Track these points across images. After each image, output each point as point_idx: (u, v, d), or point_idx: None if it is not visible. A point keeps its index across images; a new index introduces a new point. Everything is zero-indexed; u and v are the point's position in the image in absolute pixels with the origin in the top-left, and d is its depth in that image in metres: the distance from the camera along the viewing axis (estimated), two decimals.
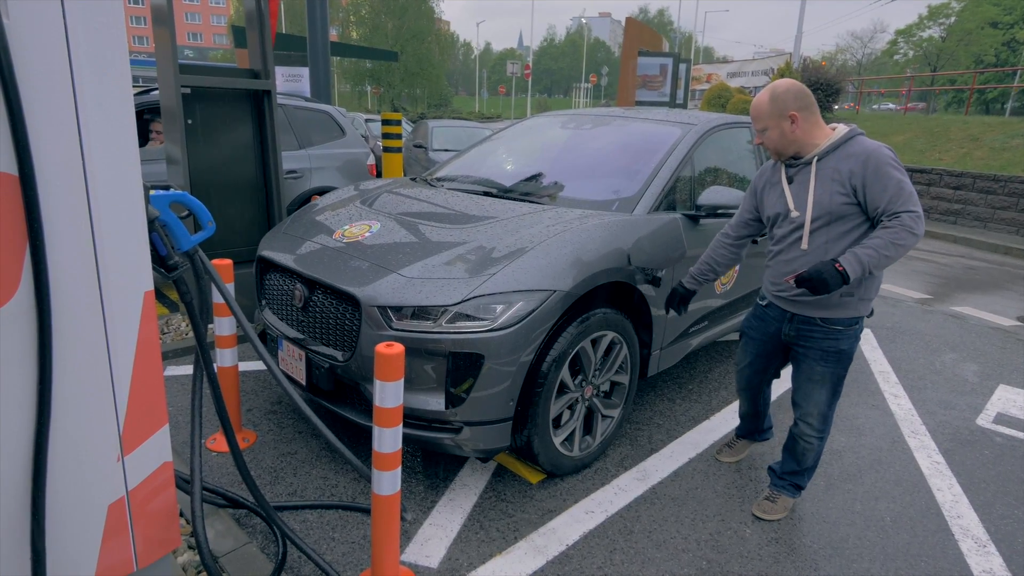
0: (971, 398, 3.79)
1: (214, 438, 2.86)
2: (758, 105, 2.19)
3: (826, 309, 2.21)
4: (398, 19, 46.93)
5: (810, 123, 2.16)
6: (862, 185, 2.04)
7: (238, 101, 4.03)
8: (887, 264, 2.02)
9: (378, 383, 1.74)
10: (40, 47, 1.17)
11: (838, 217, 2.11)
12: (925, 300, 6.04)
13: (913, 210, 1.98)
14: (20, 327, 1.23)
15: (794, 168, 2.23)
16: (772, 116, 2.15)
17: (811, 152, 2.17)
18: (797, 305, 2.28)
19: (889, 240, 1.98)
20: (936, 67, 41.65)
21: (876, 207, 2.03)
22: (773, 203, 2.31)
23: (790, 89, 2.15)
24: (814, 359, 2.29)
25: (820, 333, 2.25)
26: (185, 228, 1.65)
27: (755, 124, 2.21)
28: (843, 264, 2.01)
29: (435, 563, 2.19)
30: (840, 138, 2.13)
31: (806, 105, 2.15)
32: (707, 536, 2.41)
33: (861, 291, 2.18)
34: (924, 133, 13.17)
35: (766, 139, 2.21)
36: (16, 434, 1.27)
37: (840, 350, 2.24)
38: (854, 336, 2.24)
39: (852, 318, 2.21)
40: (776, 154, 2.24)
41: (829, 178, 2.11)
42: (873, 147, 2.06)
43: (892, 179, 2.00)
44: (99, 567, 1.45)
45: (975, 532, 2.53)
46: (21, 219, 1.19)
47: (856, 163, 2.05)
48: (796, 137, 2.16)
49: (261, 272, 3.00)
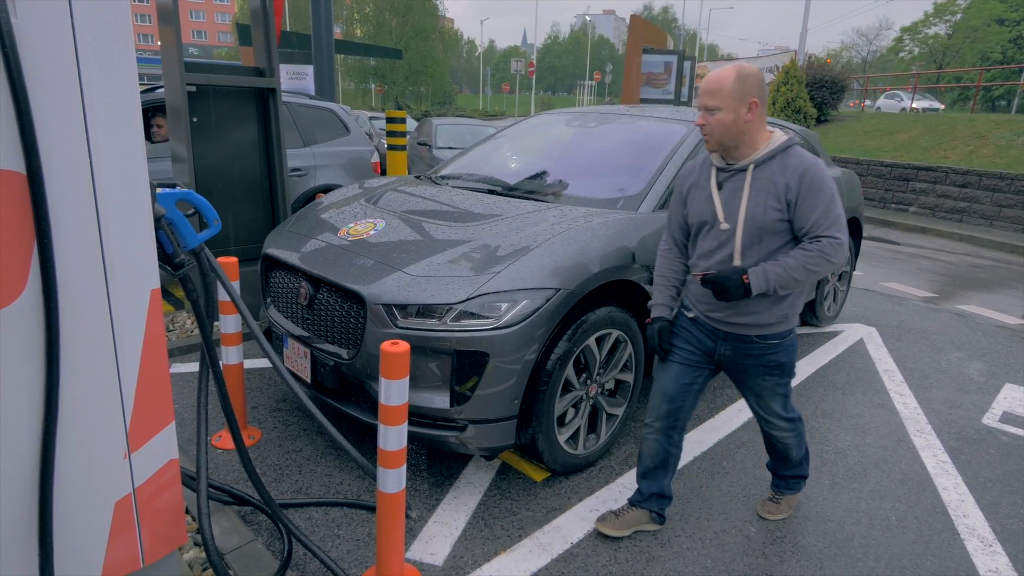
0: (977, 397, 3.78)
1: (219, 435, 2.87)
2: (720, 80, 1.93)
3: (762, 327, 2.08)
4: (402, 17, 46.93)
5: (761, 119, 1.98)
6: (795, 201, 1.91)
7: (243, 99, 4.04)
8: (794, 288, 1.95)
9: (384, 381, 1.75)
10: (48, 46, 1.17)
11: (771, 233, 1.96)
12: (930, 298, 6.02)
13: (836, 237, 1.88)
14: (28, 325, 1.23)
15: (726, 173, 2.03)
16: (733, 96, 1.91)
17: (748, 155, 1.98)
18: (733, 325, 2.10)
19: (803, 263, 1.89)
20: (942, 64, 41.44)
21: (801, 226, 1.92)
22: (699, 209, 2.08)
23: (757, 75, 1.95)
24: (758, 375, 2.17)
25: (758, 350, 2.12)
26: (191, 226, 1.65)
27: (706, 100, 1.93)
28: (750, 277, 1.92)
29: (440, 561, 2.19)
30: (779, 146, 1.97)
31: (764, 100, 1.95)
32: (711, 535, 2.41)
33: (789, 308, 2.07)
34: (929, 131, 13.11)
35: (713, 122, 1.94)
36: (24, 431, 1.27)
37: (781, 363, 2.15)
38: (791, 346, 2.15)
39: (786, 331, 2.11)
40: (716, 144, 1.99)
41: (764, 190, 1.94)
42: (810, 162, 1.93)
43: (824, 200, 1.89)
44: (106, 563, 1.46)
45: (981, 531, 2.52)
46: (29, 217, 1.19)
47: (793, 177, 1.91)
48: (746, 129, 1.94)
49: (266, 270, 3.01)
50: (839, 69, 17.81)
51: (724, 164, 2.03)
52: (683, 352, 2.23)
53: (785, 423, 2.29)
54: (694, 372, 2.22)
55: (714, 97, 1.93)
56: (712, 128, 1.95)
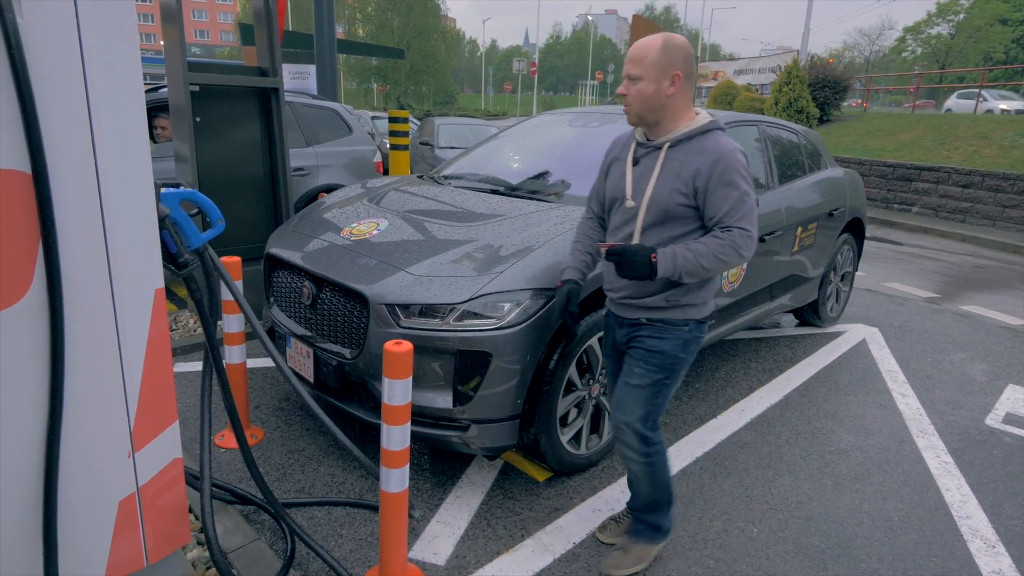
0: (980, 398, 3.77)
1: (222, 435, 2.87)
2: (645, 48, 1.82)
3: (652, 311, 1.96)
4: (404, 16, 46.93)
5: (685, 96, 1.87)
6: (704, 188, 1.81)
7: (246, 99, 4.04)
8: (701, 276, 1.83)
9: (387, 381, 1.75)
10: (53, 46, 1.18)
11: (673, 217, 1.86)
12: (933, 299, 6.01)
13: (747, 229, 1.79)
14: (32, 324, 1.23)
15: (644, 149, 1.93)
16: (655, 66, 1.80)
17: (667, 133, 1.89)
18: (626, 308, 2.01)
19: (713, 251, 1.78)
20: (945, 64, 41.37)
21: (712, 216, 1.82)
22: (614, 184, 2.00)
23: (685, 47, 1.84)
24: (635, 358, 2.00)
25: (646, 332, 1.98)
26: (195, 225, 1.66)
27: (629, 68, 1.84)
28: (658, 257, 1.78)
29: (442, 560, 2.20)
30: (698, 128, 1.87)
31: (690, 74, 1.85)
32: (714, 535, 2.41)
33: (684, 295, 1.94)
34: (932, 131, 13.08)
35: (633, 92, 1.84)
36: (28, 430, 1.27)
37: (662, 350, 1.95)
38: (680, 340, 1.96)
39: (680, 320, 1.95)
40: (636, 117, 1.89)
41: (674, 172, 1.85)
42: (727, 148, 1.83)
43: (737, 190, 1.80)
44: (110, 562, 1.46)
45: (984, 533, 2.52)
46: (34, 217, 1.20)
47: (705, 162, 1.81)
48: (667, 103, 1.84)
49: (269, 269, 3.01)
50: (841, 69, 17.80)
51: (645, 140, 1.95)
52: (611, 361, 2.19)
53: (635, 437, 2.00)
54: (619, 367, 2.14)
55: (637, 65, 1.83)
56: (632, 99, 1.85)
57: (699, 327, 1.99)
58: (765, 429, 3.24)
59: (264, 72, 4.06)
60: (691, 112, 1.90)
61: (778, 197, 3.85)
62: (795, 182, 4.14)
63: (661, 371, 1.96)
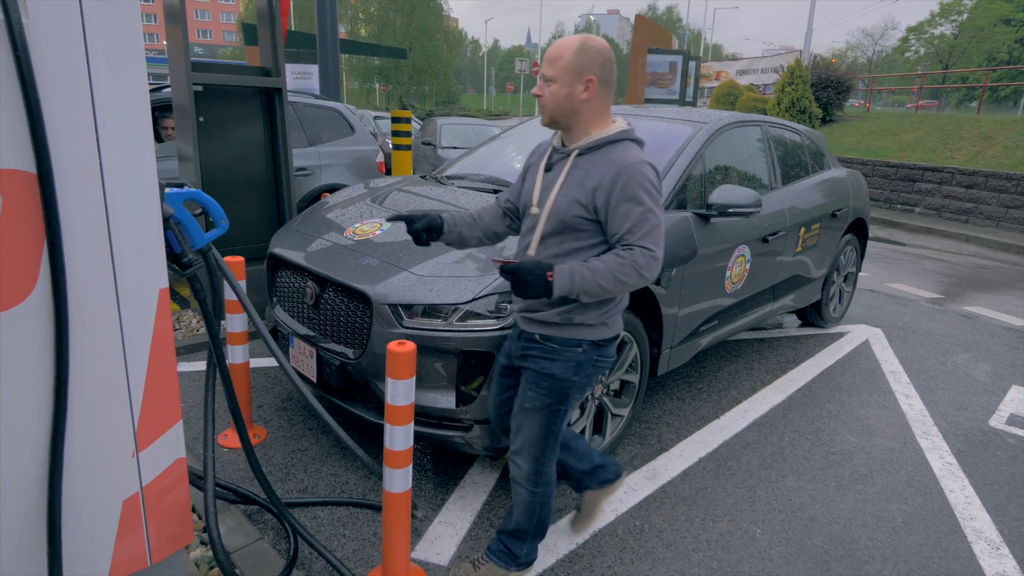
0: (984, 399, 3.77)
1: (225, 434, 2.87)
2: (561, 49, 1.74)
3: (546, 326, 1.84)
4: (407, 16, 46.94)
5: (601, 104, 1.78)
6: (605, 203, 1.70)
7: (249, 99, 4.05)
8: (600, 296, 1.71)
9: (390, 381, 1.75)
10: (58, 46, 1.18)
11: (572, 229, 1.76)
12: (936, 300, 6.00)
13: (651, 249, 1.67)
14: (37, 324, 1.24)
15: (557, 155, 1.84)
16: (569, 69, 1.72)
17: (578, 141, 1.80)
18: (524, 321, 1.89)
19: (613, 270, 1.66)
20: (948, 65, 41.30)
21: (614, 232, 1.71)
22: (527, 188, 1.90)
23: (603, 51, 1.74)
24: (527, 381, 1.89)
25: (537, 351, 1.86)
26: (199, 225, 1.66)
27: (545, 69, 1.75)
28: (555, 275, 1.66)
29: (445, 561, 2.20)
30: (607, 136, 1.77)
31: (608, 80, 1.76)
32: (717, 536, 2.40)
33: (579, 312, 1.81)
34: (936, 131, 13.06)
35: (547, 94, 1.75)
36: (33, 430, 1.28)
37: (551, 374, 1.84)
38: (571, 362, 1.83)
39: (572, 340, 1.83)
40: (548, 119, 1.80)
41: (577, 182, 1.75)
42: (633, 160, 1.71)
43: (640, 205, 1.68)
44: (114, 562, 1.47)
45: (988, 534, 2.51)
46: (39, 217, 1.20)
47: (608, 174, 1.71)
48: (580, 109, 1.75)
49: (272, 269, 3.01)
50: (844, 69, 17.77)
51: (560, 145, 1.86)
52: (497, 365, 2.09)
53: (527, 463, 1.92)
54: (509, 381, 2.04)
55: (551, 66, 1.74)
56: (546, 100, 1.76)
57: (596, 349, 1.86)
58: (768, 430, 3.23)
59: (267, 72, 4.06)
60: (607, 120, 1.81)
61: (781, 198, 3.84)
62: (798, 183, 4.13)
63: (551, 395, 1.85)
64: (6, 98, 1.13)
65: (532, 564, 2.12)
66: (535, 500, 1.98)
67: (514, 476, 1.98)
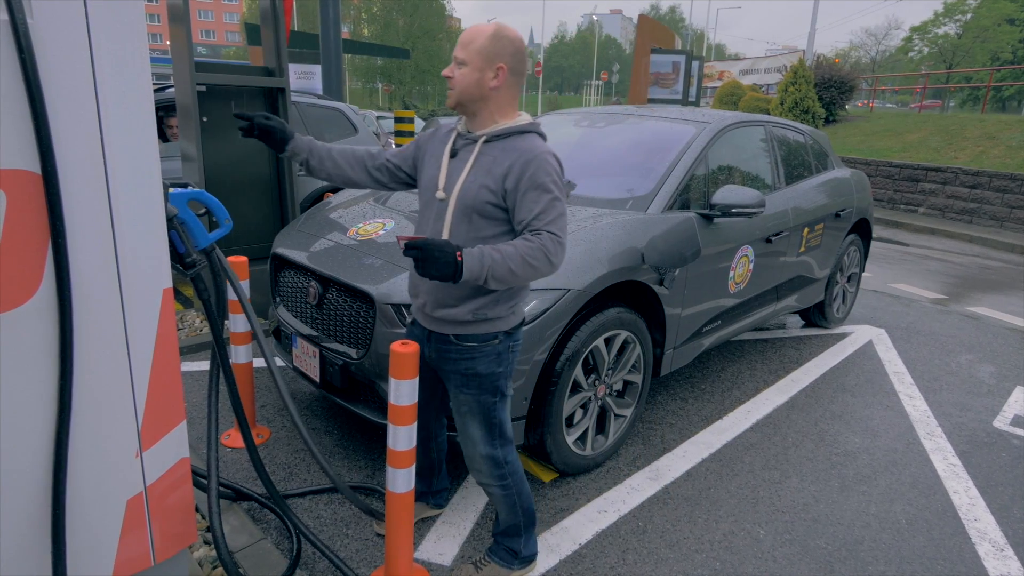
0: (988, 400, 3.75)
1: (228, 434, 2.88)
2: (474, 34, 1.77)
3: (458, 325, 1.84)
4: (410, 16, 46.97)
5: (510, 94, 1.81)
6: (515, 189, 1.73)
7: (252, 99, 4.05)
8: (508, 283, 1.68)
9: (393, 381, 1.75)
10: (63, 46, 1.18)
11: (481, 215, 1.78)
12: (940, 300, 5.98)
13: (558, 235, 1.69)
14: (42, 324, 1.24)
15: (463, 141, 1.85)
16: (481, 54, 1.74)
17: (486, 127, 1.81)
18: (432, 321, 1.88)
19: (523, 254, 1.65)
20: (951, 64, 41.20)
21: (522, 219, 1.72)
22: (428, 175, 1.90)
23: (516, 42, 1.78)
24: (456, 385, 1.90)
25: (455, 353, 1.86)
26: (203, 225, 1.66)
27: (457, 51, 1.78)
28: (464, 256, 1.62)
29: (448, 561, 2.19)
30: (516, 126, 1.80)
31: (518, 72, 1.79)
32: (720, 537, 2.40)
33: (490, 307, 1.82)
34: (939, 131, 13.02)
35: (457, 76, 1.77)
36: (37, 429, 1.28)
37: (477, 373, 1.85)
38: (492, 356, 1.86)
39: (487, 334, 1.84)
40: (455, 101, 1.81)
41: (486, 168, 1.77)
42: (540, 151, 1.75)
43: (548, 193, 1.71)
44: (117, 561, 1.47)
45: (993, 536, 2.50)
46: (43, 217, 1.20)
47: (516, 162, 1.73)
48: (488, 95, 1.77)
49: (275, 269, 3.02)
50: (848, 69, 17.73)
51: (465, 131, 1.87)
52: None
53: (485, 462, 1.95)
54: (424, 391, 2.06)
55: (464, 49, 1.77)
56: (455, 82, 1.78)
57: (509, 337, 1.88)
58: (771, 431, 3.23)
59: (270, 72, 4.07)
60: (514, 111, 1.84)
61: (785, 198, 3.84)
62: (801, 183, 4.12)
63: (483, 391, 1.88)
64: (11, 98, 1.13)
65: (535, 559, 2.13)
66: (510, 493, 1.99)
67: (480, 481, 2.00)
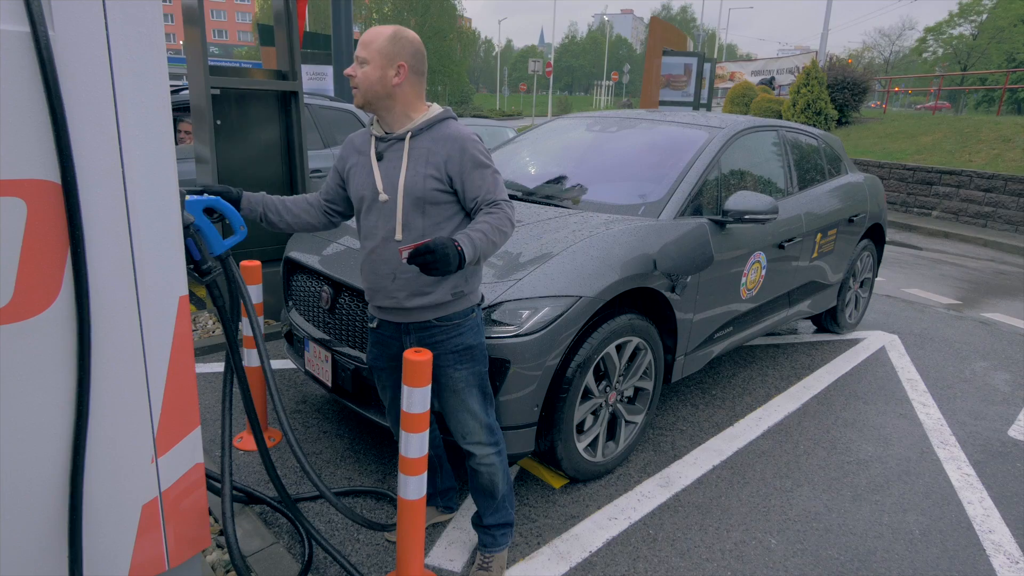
0: (1002, 408, 3.71)
1: (240, 437, 2.89)
2: (374, 34, 1.86)
3: (439, 308, 1.93)
4: (420, 17, 47.09)
5: (415, 90, 1.90)
6: (459, 173, 1.84)
7: (265, 101, 4.07)
8: (491, 253, 1.83)
9: (405, 388, 1.75)
10: (83, 58, 1.19)
11: (432, 203, 1.87)
12: (954, 306, 5.93)
13: (508, 199, 1.88)
14: (61, 331, 1.25)
15: (385, 143, 1.92)
16: (381, 52, 1.83)
17: (404, 124, 1.90)
18: (408, 313, 1.95)
19: (496, 226, 1.81)
20: (966, 66, 40.79)
21: (475, 196, 1.86)
22: (361, 183, 1.94)
23: (415, 42, 1.89)
24: (448, 365, 1.98)
25: (442, 334, 1.95)
26: (218, 233, 1.67)
27: (359, 51, 1.86)
28: (461, 244, 1.73)
29: (459, 567, 2.20)
30: (434, 117, 1.90)
31: (419, 70, 1.90)
32: (731, 545, 2.39)
33: (465, 283, 1.95)
34: (954, 133, 12.89)
35: (360, 75, 1.84)
36: (55, 436, 1.29)
37: (469, 345, 1.98)
38: (474, 327, 2.00)
39: (467, 309, 1.97)
40: (362, 99, 1.88)
41: (423, 159, 1.86)
42: (468, 134, 1.88)
43: (488, 168, 1.87)
44: (132, 565, 1.48)
45: (1007, 547, 2.48)
46: (63, 226, 1.21)
47: (453, 149, 1.85)
48: (394, 92, 1.85)
49: (288, 273, 3.03)
50: (861, 70, 17.59)
51: (383, 133, 1.94)
52: (386, 374, 2.14)
53: (485, 431, 2.06)
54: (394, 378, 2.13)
55: (365, 49, 1.85)
56: (359, 81, 1.86)
57: (480, 309, 2.04)
58: (783, 438, 3.21)
59: (284, 75, 4.09)
60: (424, 105, 1.95)
61: (798, 203, 3.81)
62: (815, 188, 4.10)
63: (475, 362, 2.01)
64: (32, 109, 1.14)
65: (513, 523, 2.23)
66: (502, 456, 2.11)
67: (479, 459, 2.07)
